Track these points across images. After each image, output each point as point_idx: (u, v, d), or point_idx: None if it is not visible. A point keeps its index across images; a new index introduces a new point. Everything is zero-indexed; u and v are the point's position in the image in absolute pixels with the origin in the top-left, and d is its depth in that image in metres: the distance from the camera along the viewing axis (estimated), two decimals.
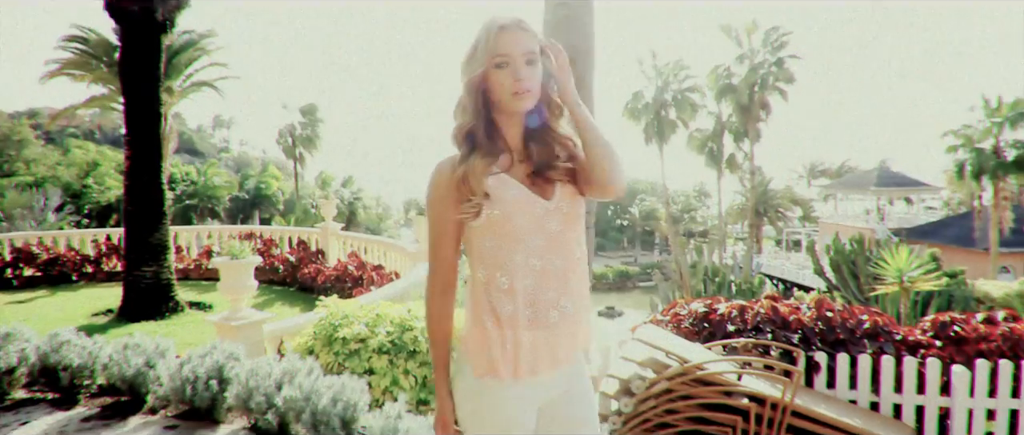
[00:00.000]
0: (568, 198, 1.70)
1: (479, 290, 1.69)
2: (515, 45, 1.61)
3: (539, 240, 1.66)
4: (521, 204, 1.65)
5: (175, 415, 3.66)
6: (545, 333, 1.66)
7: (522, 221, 1.65)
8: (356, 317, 5.17)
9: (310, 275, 11.11)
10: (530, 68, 1.62)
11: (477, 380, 1.70)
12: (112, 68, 19.27)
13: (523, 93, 1.61)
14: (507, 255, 1.65)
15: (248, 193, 44.50)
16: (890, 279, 6.81)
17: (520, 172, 1.70)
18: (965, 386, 4.50)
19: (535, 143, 1.71)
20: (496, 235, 1.65)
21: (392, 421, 3.02)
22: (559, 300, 1.67)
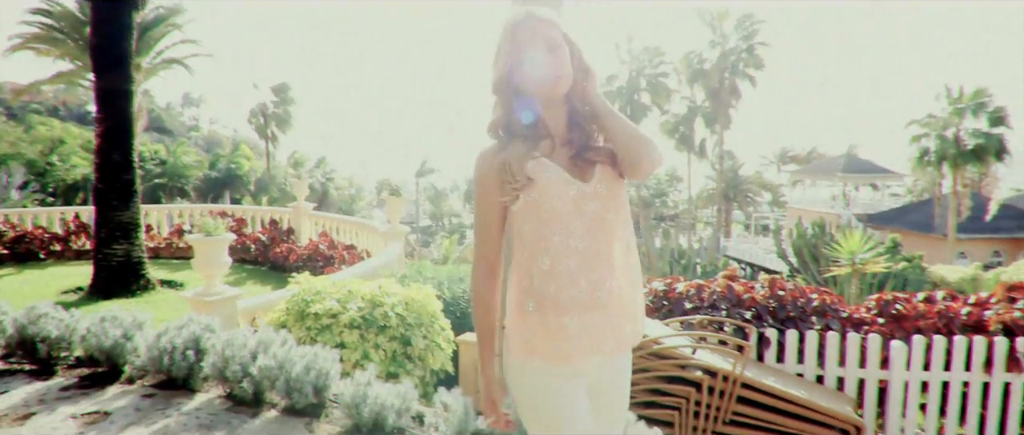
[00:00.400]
0: (607, 180, 1.70)
1: (522, 273, 1.71)
2: (535, 36, 1.63)
3: (578, 222, 1.67)
4: (557, 186, 1.66)
5: (152, 385, 3.80)
6: (590, 316, 1.67)
7: (558, 203, 1.66)
8: (328, 293, 5.32)
9: (282, 254, 11.20)
10: (555, 54, 1.64)
11: (521, 361, 1.73)
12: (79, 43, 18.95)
13: (554, 80, 1.64)
14: (547, 237, 1.66)
15: (219, 173, 44.02)
16: (843, 261, 7.13)
17: (562, 156, 1.71)
18: (902, 360, 4.81)
19: (575, 127, 1.72)
20: (535, 218, 1.68)
21: (362, 388, 3.20)
22: (605, 281, 1.68)
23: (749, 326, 4.85)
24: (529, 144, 1.69)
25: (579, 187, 1.68)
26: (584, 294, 1.65)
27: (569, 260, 1.65)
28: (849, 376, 4.91)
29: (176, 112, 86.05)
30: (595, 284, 1.66)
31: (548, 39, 1.64)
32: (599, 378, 1.76)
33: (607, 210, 1.69)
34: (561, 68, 1.63)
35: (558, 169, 1.68)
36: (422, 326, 5.35)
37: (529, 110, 1.70)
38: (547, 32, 1.64)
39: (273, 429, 3.26)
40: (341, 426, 3.30)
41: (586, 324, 1.66)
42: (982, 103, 24.39)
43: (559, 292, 1.65)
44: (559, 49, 1.64)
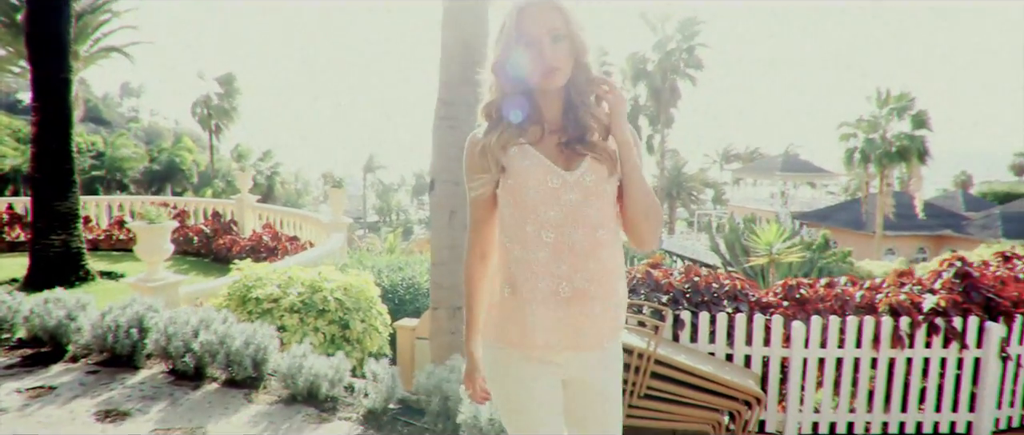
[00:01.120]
0: (594, 174, 1.64)
1: (502, 259, 1.71)
2: (539, 22, 1.58)
3: (553, 212, 1.63)
4: (535, 173, 1.63)
5: (96, 363, 3.98)
6: (559, 309, 1.63)
7: (535, 192, 1.63)
8: (269, 279, 5.54)
9: (225, 246, 11.24)
10: (556, 45, 1.59)
11: (495, 347, 1.73)
12: (10, 29, 18.46)
13: (550, 72, 1.60)
14: (521, 225, 1.64)
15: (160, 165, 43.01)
16: (761, 252, 7.65)
17: (550, 143, 1.67)
18: (801, 338, 5.29)
19: (571, 117, 1.67)
20: (513, 205, 1.66)
21: (298, 360, 3.46)
22: (575, 275, 1.63)
23: (665, 309, 5.26)
24: (517, 129, 1.66)
25: (561, 177, 1.63)
26: (553, 286, 1.62)
27: (540, 251, 1.63)
28: (755, 354, 5.37)
29: (114, 102, 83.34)
30: (564, 277, 1.62)
31: (552, 29, 1.58)
32: (576, 375, 1.72)
33: (588, 204, 1.63)
34: (557, 61, 1.59)
35: (540, 157, 1.65)
36: (360, 310, 5.61)
37: (521, 96, 1.66)
38: (552, 20, 1.59)
39: (214, 400, 3.49)
40: (277, 396, 3.55)
41: (555, 317, 1.63)
42: (906, 106, 25.69)
43: (528, 282, 1.63)
44: (561, 40, 1.60)
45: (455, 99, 4.61)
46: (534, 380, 1.67)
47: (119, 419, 3.26)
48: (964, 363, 5.40)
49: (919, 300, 5.47)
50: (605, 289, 1.66)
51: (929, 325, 5.35)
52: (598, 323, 1.66)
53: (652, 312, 5.46)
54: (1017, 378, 5.52)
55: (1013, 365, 5.44)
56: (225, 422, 3.26)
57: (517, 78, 1.63)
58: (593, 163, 1.63)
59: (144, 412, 3.33)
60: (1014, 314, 5.44)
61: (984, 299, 5.53)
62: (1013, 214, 33.13)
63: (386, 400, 3.34)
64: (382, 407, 3.34)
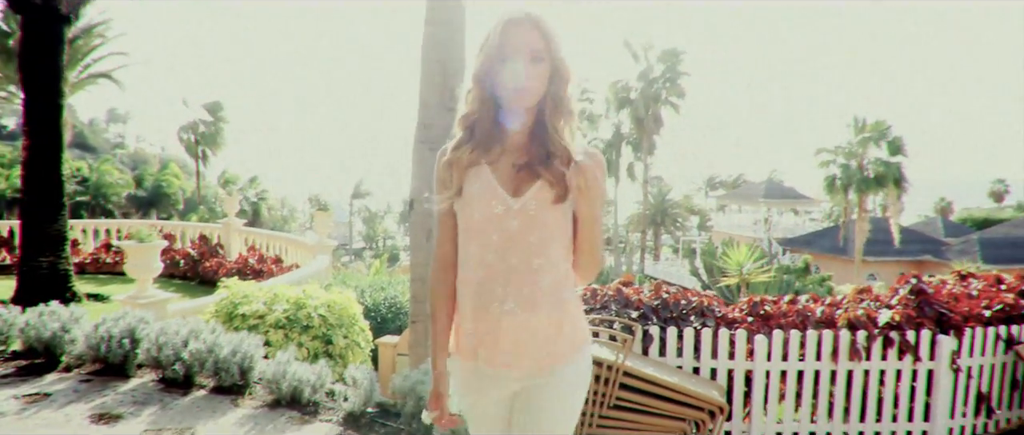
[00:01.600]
0: (540, 201, 1.66)
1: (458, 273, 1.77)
2: (521, 41, 1.60)
3: (495, 236, 1.66)
4: (482, 198, 1.66)
5: (89, 372, 4.18)
6: (495, 331, 1.67)
7: (479, 215, 1.67)
8: (255, 296, 5.75)
9: (212, 268, 11.41)
10: (534, 66, 1.61)
11: (454, 358, 1.79)
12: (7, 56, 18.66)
13: (522, 91, 1.62)
14: (467, 245, 1.70)
15: (146, 191, 43.01)
16: (732, 272, 7.95)
17: (506, 164, 1.69)
18: (764, 351, 5.56)
19: (536, 140, 1.68)
20: (462, 224, 1.71)
21: (282, 366, 3.69)
22: (506, 299, 1.66)
23: (635, 324, 5.51)
24: (483, 148, 1.68)
25: (506, 204, 1.66)
26: (488, 307, 1.66)
27: (479, 272, 1.67)
28: (720, 367, 5.62)
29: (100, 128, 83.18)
30: (498, 299, 1.66)
31: (533, 49, 1.60)
32: (521, 395, 1.75)
33: (530, 231, 1.66)
34: (531, 81, 1.61)
35: (491, 182, 1.67)
36: (343, 327, 5.83)
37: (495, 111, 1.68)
38: (534, 41, 1.60)
39: (202, 404, 3.70)
40: (263, 401, 3.77)
41: (492, 338, 1.67)
42: (882, 133, 26.33)
43: (469, 300, 1.69)
44: (540, 62, 1.61)
45: (434, 121, 4.89)
46: (481, 393, 1.73)
47: (112, 421, 3.46)
48: (918, 375, 5.69)
49: (875, 315, 5.77)
50: (542, 315, 1.67)
51: (884, 338, 5.64)
52: (532, 346, 1.67)
53: (622, 327, 5.72)
54: (968, 389, 5.80)
55: (964, 376, 5.74)
56: (213, 424, 3.46)
57: (492, 90, 1.65)
58: (541, 189, 1.64)
59: (136, 415, 3.54)
60: (964, 328, 5.75)
61: (937, 314, 5.83)
62: (990, 240, 33.78)
63: (364, 403, 3.57)
64: (361, 410, 3.56)
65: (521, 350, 1.66)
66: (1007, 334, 5.92)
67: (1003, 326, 5.93)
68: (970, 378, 5.79)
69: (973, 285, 6.80)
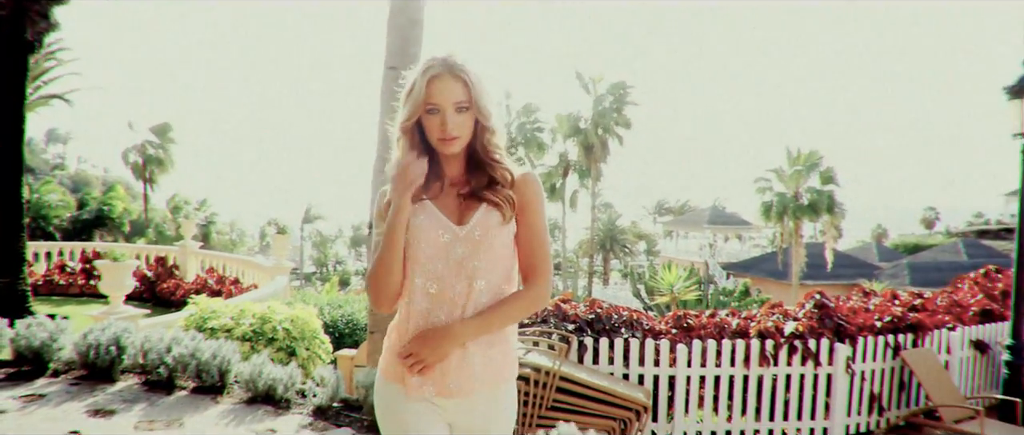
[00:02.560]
0: (484, 226, 1.71)
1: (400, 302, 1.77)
2: (445, 94, 1.64)
3: (440, 265, 1.70)
4: (427, 230, 1.70)
5: (76, 377, 4.61)
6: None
7: (425, 246, 1.70)
8: (223, 312, 6.23)
9: (169, 290, 11.67)
10: (459, 116, 1.65)
11: (383, 382, 1.80)
12: None
13: (449, 141, 1.67)
14: (411, 276, 1.71)
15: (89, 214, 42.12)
16: (664, 290, 8.70)
17: (450, 196, 1.75)
18: (685, 358, 6.27)
19: (474, 171, 1.75)
20: (410, 257, 1.71)
21: (257, 367, 4.21)
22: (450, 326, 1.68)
23: (571, 335, 6.17)
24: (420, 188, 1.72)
25: (452, 231, 1.71)
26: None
27: (422, 301, 1.70)
28: (647, 373, 6.31)
29: (39, 148, 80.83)
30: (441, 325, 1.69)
31: (456, 101, 1.65)
32: (459, 418, 1.77)
33: (475, 256, 1.70)
34: (458, 131, 1.66)
35: (435, 213, 1.72)
36: (305, 339, 6.33)
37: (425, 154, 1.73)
38: (457, 93, 1.65)
39: (185, 402, 4.19)
40: (240, 398, 4.28)
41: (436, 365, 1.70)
42: (814, 163, 27.90)
43: (409, 329, 1.72)
44: (464, 111, 1.67)
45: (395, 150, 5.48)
46: (415, 418, 1.72)
47: (108, 415, 3.91)
48: (818, 379, 6.48)
49: (782, 326, 6.55)
50: (481, 340, 1.71)
51: (790, 346, 6.42)
52: (474, 369, 1.71)
53: (560, 338, 6.36)
54: (862, 390, 6.61)
55: (858, 379, 6.55)
56: (198, 417, 3.95)
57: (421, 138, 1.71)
58: (486, 212, 1.71)
59: (128, 410, 3.99)
60: (857, 337, 6.57)
61: (835, 325, 6.65)
62: (919, 264, 35.71)
63: (331, 398, 4.11)
64: (327, 404, 4.10)
65: (461, 375, 1.70)
66: (895, 342, 6.77)
67: (891, 335, 6.79)
68: (863, 381, 6.61)
69: (872, 301, 7.68)
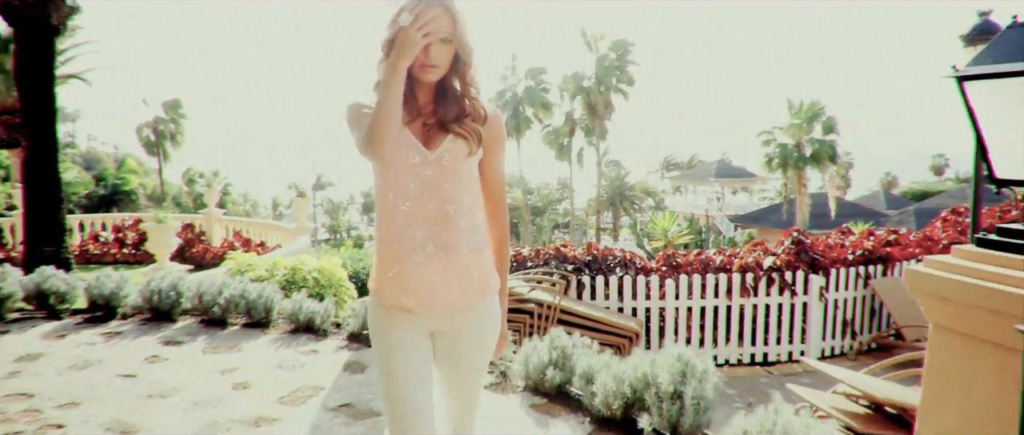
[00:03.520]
0: (454, 154, 1.80)
1: (376, 222, 1.88)
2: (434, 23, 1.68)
3: (412, 184, 1.78)
4: (400, 150, 1.76)
5: (142, 319, 5.37)
6: (416, 272, 1.78)
7: (396, 164, 1.77)
8: (258, 265, 6.95)
9: (198, 254, 12.46)
10: (441, 46, 1.73)
11: (372, 302, 1.92)
12: None
13: (429, 68, 1.75)
14: (386, 195, 1.80)
15: (106, 189, 43.06)
16: (658, 236, 9.37)
17: (417, 125, 1.82)
18: (672, 292, 6.98)
19: (444, 102, 1.83)
20: (381, 176, 1.82)
21: (298, 303, 4.94)
22: (425, 244, 1.78)
23: (570, 274, 6.88)
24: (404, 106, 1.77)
25: (423, 154, 1.79)
26: (409, 252, 1.78)
27: (397, 219, 1.79)
28: (639, 306, 7.04)
29: None
30: (417, 244, 1.78)
31: (444, 32, 1.72)
32: (441, 331, 1.90)
33: (444, 179, 1.80)
34: (439, 60, 1.74)
35: (408, 135, 1.79)
36: (333, 286, 7.06)
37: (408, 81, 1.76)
38: (444, 24, 1.71)
39: (239, 334, 4.95)
40: (284, 329, 5.03)
41: (406, 278, 1.79)
42: (817, 114, 28.24)
43: (390, 246, 1.81)
44: (447, 43, 1.75)
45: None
46: (397, 329, 1.84)
47: (177, 345, 4.66)
48: (795, 307, 7.19)
49: (762, 261, 7.23)
50: (457, 255, 1.81)
51: (768, 278, 7.11)
52: (452, 285, 1.82)
53: (560, 277, 7.08)
54: (836, 317, 7.32)
55: (832, 307, 7.24)
56: (252, 343, 4.69)
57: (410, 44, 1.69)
58: (454, 142, 1.80)
59: (193, 341, 4.74)
60: (829, 269, 7.25)
61: (810, 259, 7.32)
62: (925, 210, 36.07)
63: (362, 327, 4.84)
64: (358, 331, 4.83)
65: (440, 291, 1.80)
66: (866, 272, 7.45)
67: (863, 267, 7.46)
68: (837, 308, 7.31)
69: (849, 239, 8.34)
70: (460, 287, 1.83)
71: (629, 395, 3.11)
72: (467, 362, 1.93)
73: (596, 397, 3.24)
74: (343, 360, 4.36)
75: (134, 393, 3.75)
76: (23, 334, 5.00)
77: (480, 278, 1.87)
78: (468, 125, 1.82)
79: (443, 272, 1.79)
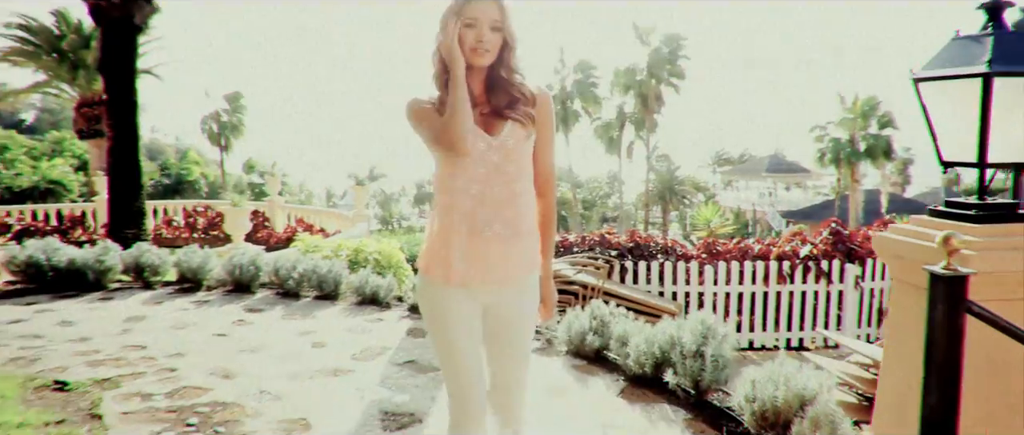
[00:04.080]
0: (512, 136, 1.90)
1: (435, 204, 1.97)
2: (484, 12, 1.84)
3: (480, 170, 1.88)
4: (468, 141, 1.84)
5: (224, 291, 6.00)
6: (477, 249, 1.88)
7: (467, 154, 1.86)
8: (324, 246, 7.55)
9: (263, 238, 13.25)
10: (492, 33, 1.86)
11: (425, 279, 2.00)
12: (54, 56, 20.53)
13: (482, 52, 1.86)
14: (453, 179, 1.89)
15: (169, 179, 44.99)
16: (701, 226, 9.69)
17: (475, 114, 1.90)
18: (711, 277, 7.32)
19: (495, 90, 1.93)
20: (446, 162, 1.90)
21: (364, 277, 5.49)
22: (492, 222, 1.88)
23: (613, 259, 7.30)
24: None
25: (487, 141, 1.89)
26: (474, 230, 1.88)
27: (466, 201, 1.88)
28: (679, 290, 7.40)
29: None
30: (485, 222, 1.88)
31: (492, 20, 1.85)
32: (493, 304, 1.99)
33: (508, 162, 1.90)
34: (490, 45, 1.86)
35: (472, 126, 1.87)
36: (391, 267, 7.61)
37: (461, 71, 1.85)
38: (493, 13, 1.85)
39: (311, 304, 5.52)
40: (352, 301, 5.59)
41: (473, 256, 1.89)
42: (872, 108, 27.84)
43: (454, 226, 1.89)
44: (497, 31, 1.87)
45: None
46: (455, 304, 1.94)
47: (258, 312, 5.26)
48: (831, 295, 7.45)
49: (799, 250, 7.52)
50: (519, 233, 1.93)
51: (804, 266, 7.39)
52: (512, 261, 1.94)
53: (605, 261, 7.49)
54: (872, 305, 7.55)
55: (867, 296, 7.48)
56: (324, 312, 5.25)
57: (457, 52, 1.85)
58: (513, 127, 1.91)
59: (271, 309, 5.34)
60: (866, 259, 7.49)
61: (847, 249, 7.57)
62: None
63: None
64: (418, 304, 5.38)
65: (501, 266, 1.92)
66: None
67: None
68: (872, 297, 7.54)
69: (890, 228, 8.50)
70: (516, 263, 1.95)
71: (658, 355, 3.54)
72: (518, 330, 2.03)
73: (629, 358, 3.67)
74: (405, 327, 4.89)
75: (228, 348, 4.34)
76: (126, 300, 5.69)
77: (533, 255, 2.01)
78: (521, 109, 1.93)
79: (505, 249, 1.91)
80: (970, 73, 1.82)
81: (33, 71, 20.94)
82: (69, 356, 4.11)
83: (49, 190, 27.60)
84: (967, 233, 1.88)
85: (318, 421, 3.15)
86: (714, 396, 3.35)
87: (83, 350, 4.23)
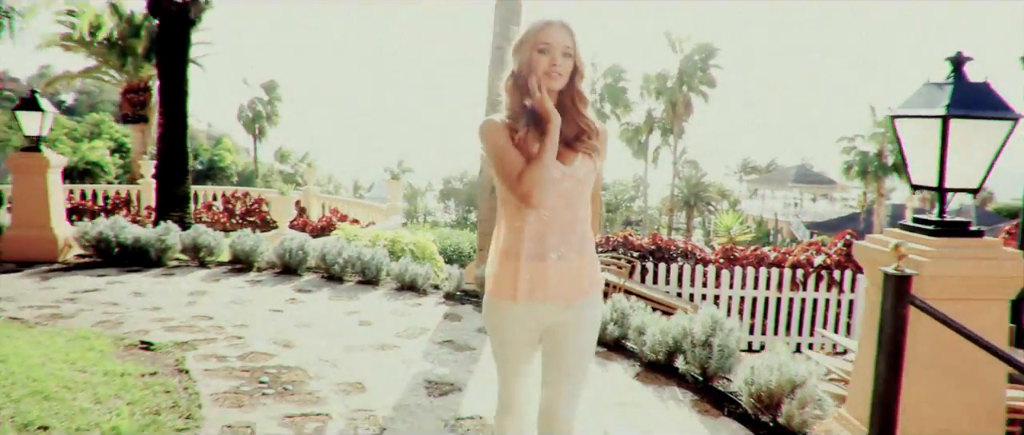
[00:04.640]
0: (583, 167, 1.97)
1: (503, 230, 2.02)
2: (557, 38, 1.91)
3: (553, 197, 1.94)
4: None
5: (274, 273, 6.52)
6: (544, 271, 1.96)
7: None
8: (362, 236, 8.06)
9: (299, 226, 13.82)
10: (565, 59, 1.92)
11: (490, 300, 2.07)
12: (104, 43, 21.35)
13: (555, 76, 1.92)
14: (519, 206, 1.94)
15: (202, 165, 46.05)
16: (721, 232, 10.05)
17: None
18: (727, 281, 7.71)
19: (565, 120, 1.97)
20: None
21: (403, 265, 5.98)
22: (559, 246, 1.96)
23: (635, 260, 7.71)
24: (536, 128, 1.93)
25: (561, 170, 1.94)
26: (542, 253, 1.95)
27: (537, 226, 1.95)
28: (697, 293, 7.80)
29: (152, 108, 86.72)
30: (552, 247, 1.95)
31: (564, 46, 1.92)
32: (556, 323, 2.03)
33: (578, 191, 1.98)
34: (562, 70, 1.92)
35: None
36: (425, 258, 8.09)
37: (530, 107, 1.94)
38: (566, 40, 1.92)
39: (354, 288, 6.02)
40: (391, 287, 6.08)
41: (540, 276, 1.96)
42: None
43: (523, 249, 1.95)
44: (568, 58, 1.93)
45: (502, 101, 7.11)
46: (518, 323, 2.02)
47: (307, 292, 5.76)
48: (842, 304, 7.80)
49: (813, 259, 7.87)
50: (582, 255, 2.01)
51: (817, 275, 7.75)
52: (576, 283, 2.00)
53: (626, 261, 7.91)
54: None
55: None
56: (366, 295, 5.74)
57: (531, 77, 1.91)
58: (583, 159, 1.97)
59: (318, 291, 5.84)
60: None
61: None
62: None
63: (456, 287, 5.83)
64: (453, 291, 5.82)
65: (564, 287, 1.97)
66: None
67: None
68: None
69: None
70: (581, 284, 2.02)
71: (671, 344, 3.97)
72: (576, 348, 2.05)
73: (645, 346, 4.10)
74: (442, 312, 5.36)
75: (284, 322, 4.84)
76: (185, 276, 6.24)
77: (595, 275, 2.08)
78: (589, 143, 2.00)
79: (571, 271, 1.98)
80: (932, 114, 2.23)
81: (85, 57, 21.87)
82: (148, 322, 4.64)
83: (87, 171, 28.42)
84: (926, 245, 2.30)
85: (372, 385, 3.63)
86: (719, 382, 3.77)
87: (158, 317, 4.77)
